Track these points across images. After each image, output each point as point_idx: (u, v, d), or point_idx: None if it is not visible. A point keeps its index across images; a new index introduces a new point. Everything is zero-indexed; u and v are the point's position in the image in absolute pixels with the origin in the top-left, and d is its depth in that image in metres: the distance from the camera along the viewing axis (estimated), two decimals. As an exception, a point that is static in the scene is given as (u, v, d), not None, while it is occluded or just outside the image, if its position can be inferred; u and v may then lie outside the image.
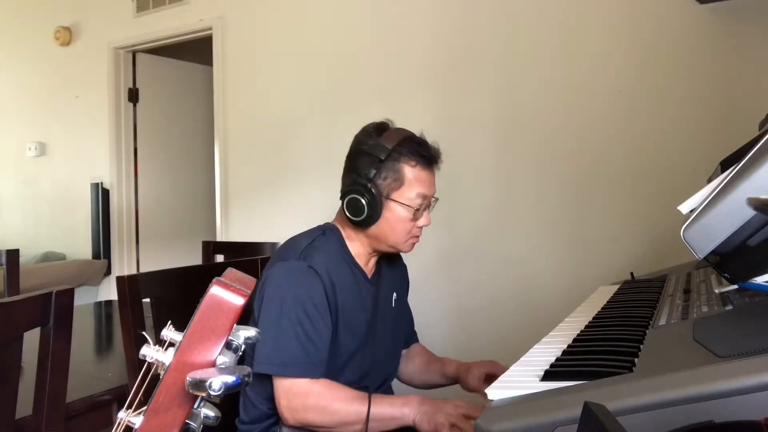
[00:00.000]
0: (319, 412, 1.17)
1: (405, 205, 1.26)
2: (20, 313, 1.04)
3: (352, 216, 1.27)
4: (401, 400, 1.20)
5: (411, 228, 1.29)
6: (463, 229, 2.59)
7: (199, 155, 4.32)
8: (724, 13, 2.06)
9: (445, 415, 1.14)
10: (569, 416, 0.64)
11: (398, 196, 1.26)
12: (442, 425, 1.13)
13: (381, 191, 1.25)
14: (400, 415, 1.17)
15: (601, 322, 1.08)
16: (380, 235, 1.29)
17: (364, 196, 1.24)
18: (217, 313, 0.47)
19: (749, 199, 0.82)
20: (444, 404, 1.17)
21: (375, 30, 2.85)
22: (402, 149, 1.25)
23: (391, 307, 1.41)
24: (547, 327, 1.13)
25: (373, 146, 1.25)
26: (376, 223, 1.27)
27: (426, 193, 1.27)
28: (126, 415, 0.49)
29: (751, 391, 0.59)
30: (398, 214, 1.26)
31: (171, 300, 1.47)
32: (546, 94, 2.40)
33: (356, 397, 1.19)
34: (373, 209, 1.24)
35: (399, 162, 1.25)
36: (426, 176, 1.28)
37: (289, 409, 1.17)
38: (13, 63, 4.58)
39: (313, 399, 1.17)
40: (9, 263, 2.08)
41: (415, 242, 1.33)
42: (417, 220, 1.28)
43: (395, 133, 1.28)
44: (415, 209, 1.26)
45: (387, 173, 1.25)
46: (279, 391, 1.19)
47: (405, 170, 1.25)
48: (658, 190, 2.15)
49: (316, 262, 1.23)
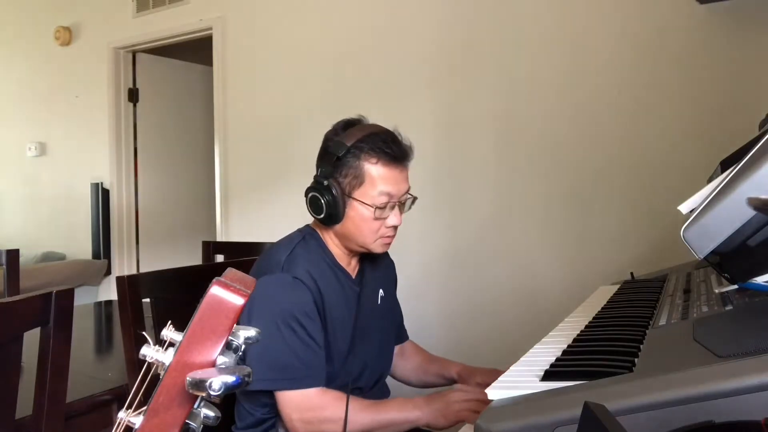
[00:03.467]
0: (335, 423, 1.16)
1: (365, 204, 1.21)
2: (20, 313, 1.04)
3: (314, 214, 1.25)
4: (410, 403, 1.19)
5: (378, 227, 1.23)
6: (464, 229, 2.59)
7: (199, 155, 4.32)
8: (724, 13, 2.06)
9: (458, 403, 1.14)
10: (569, 416, 0.64)
11: (360, 195, 1.21)
12: (459, 412, 1.13)
13: (343, 189, 1.21)
14: (414, 418, 1.17)
15: (601, 322, 1.08)
16: (348, 235, 1.26)
17: (324, 195, 1.21)
18: (217, 313, 0.47)
19: (749, 199, 0.82)
20: (450, 395, 1.17)
21: (375, 30, 2.85)
22: (363, 146, 1.20)
23: (377, 305, 1.40)
24: (547, 327, 1.13)
25: (334, 143, 1.22)
26: (342, 223, 1.23)
27: (391, 192, 1.22)
28: (126, 415, 0.49)
29: (751, 391, 0.59)
30: (361, 213, 1.22)
31: (171, 300, 1.47)
32: (546, 94, 2.40)
33: (368, 406, 1.19)
34: (333, 208, 1.21)
35: (359, 159, 1.21)
36: (391, 174, 1.22)
37: (303, 422, 1.16)
38: (13, 63, 4.58)
39: (329, 411, 1.17)
40: (9, 263, 2.08)
41: (386, 242, 1.28)
42: (384, 219, 1.23)
43: (360, 129, 1.24)
44: (377, 208, 1.21)
45: (347, 171, 1.21)
46: (288, 405, 1.17)
47: (365, 167, 1.21)
48: (658, 190, 2.15)
49: (301, 272, 1.21)
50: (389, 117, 1.41)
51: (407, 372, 1.55)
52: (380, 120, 1.33)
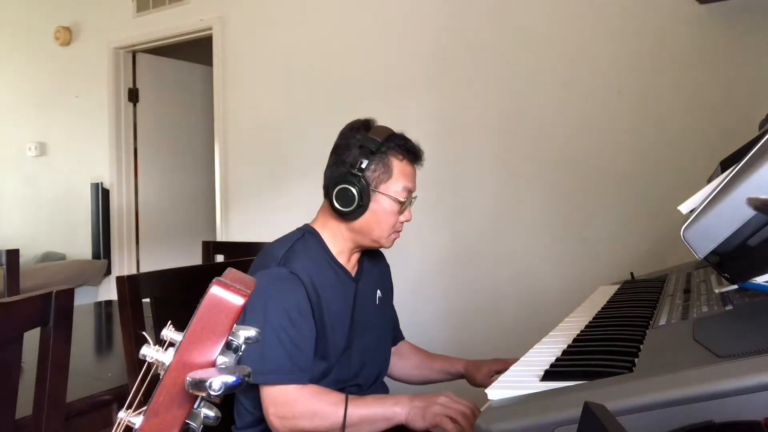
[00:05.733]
0: (309, 417, 1.16)
1: (392, 197, 1.28)
2: (20, 313, 1.04)
3: (342, 207, 1.26)
4: (392, 399, 1.19)
5: (395, 222, 1.30)
6: (464, 229, 2.59)
7: (199, 155, 4.32)
8: (724, 13, 2.06)
9: (440, 407, 1.12)
10: (569, 416, 0.64)
11: (386, 189, 1.27)
12: (437, 416, 1.11)
13: (369, 183, 1.27)
14: (391, 414, 1.15)
15: (601, 322, 1.08)
16: (365, 228, 1.29)
17: (355, 186, 1.25)
18: (217, 313, 0.47)
19: (749, 199, 0.82)
20: (437, 397, 1.15)
21: (375, 29, 2.85)
22: (390, 143, 1.28)
23: (376, 304, 1.42)
24: (547, 327, 1.13)
25: (364, 139, 1.27)
26: (363, 216, 1.27)
27: (411, 188, 1.30)
28: (126, 415, 0.49)
29: (751, 391, 0.59)
30: (385, 207, 1.28)
31: (171, 300, 1.47)
32: (546, 94, 2.40)
33: (344, 399, 1.17)
34: (363, 199, 1.26)
35: (388, 155, 1.28)
36: (411, 171, 1.31)
37: (277, 417, 1.16)
38: (14, 63, 4.58)
39: (301, 405, 1.16)
40: (9, 263, 2.08)
41: (396, 237, 1.34)
42: (401, 215, 1.30)
43: (383, 128, 1.31)
44: (401, 202, 1.28)
45: (376, 165, 1.27)
46: (266, 399, 1.17)
47: (394, 163, 1.28)
48: (658, 190, 2.15)
49: (297, 267, 1.22)
50: (389, 117, 1.41)
51: (408, 371, 1.55)
52: (381, 120, 1.33)
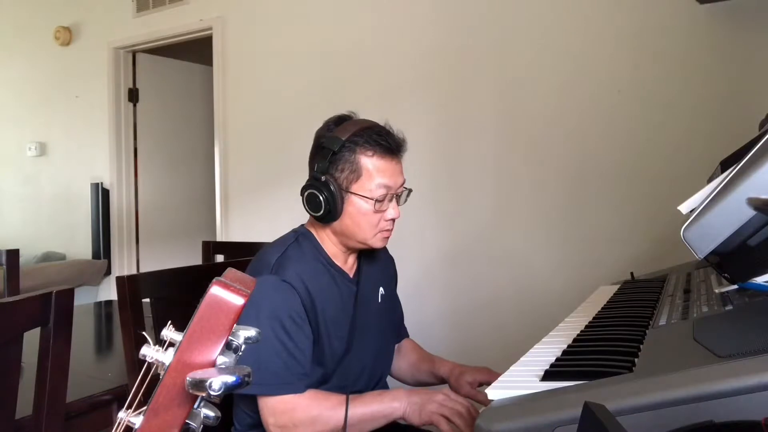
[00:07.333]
0: (310, 424, 1.15)
1: (365, 197, 1.20)
2: (20, 313, 1.04)
3: (313, 212, 1.23)
4: (390, 395, 1.18)
5: (377, 221, 1.23)
6: (464, 229, 2.59)
7: (199, 155, 4.32)
8: (724, 13, 2.06)
9: (437, 405, 1.12)
10: (569, 416, 0.64)
11: (358, 189, 1.20)
12: (433, 414, 1.11)
13: (339, 185, 1.21)
14: (390, 410, 1.15)
15: (601, 322, 1.08)
16: (346, 231, 1.24)
17: (321, 192, 1.20)
18: (217, 313, 0.47)
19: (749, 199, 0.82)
20: (434, 394, 1.14)
21: (375, 29, 2.85)
22: (357, 139, 1.20)
23: (378, 303, 1.38)
24: (547, 327, 1.13)
25: (328, 138, 1.21)
26: (340, 219, 1.22)
27: (388, 183, 1.22)
28: (126, 415, 0.49)
29: (751, 391, 0.59)
30: (360, 207, 1.21)
31: (171, 300, 1.47)
32: (546, 94, 2.40)
33: (342, 401, 1.16)
34: (332, 204, 1.20)
35: (354, 153, 1.20)
36: (387, 166, 1.22)
37: (278, 427, 1.15)
38: (14, 63, 4.58)
39: (300, 412, 1.15)
40: (9, 263, 2.08)
41: (385, 236, 1.27)
42: (383, 212, 1.23)
43: (353, 124, 1.23)
44: (376, 200, 1.21)
45: (343, 165, 1.20)
46: (265, 410, 1.16)
47: (362, 161, 1.20)
48: (658, 190, 2.15)
49: (290, 275, 1.19)
50: (390, 117, 1.40)
51: (402, 370, 1.53)
52: (381, 119, 1.33)
